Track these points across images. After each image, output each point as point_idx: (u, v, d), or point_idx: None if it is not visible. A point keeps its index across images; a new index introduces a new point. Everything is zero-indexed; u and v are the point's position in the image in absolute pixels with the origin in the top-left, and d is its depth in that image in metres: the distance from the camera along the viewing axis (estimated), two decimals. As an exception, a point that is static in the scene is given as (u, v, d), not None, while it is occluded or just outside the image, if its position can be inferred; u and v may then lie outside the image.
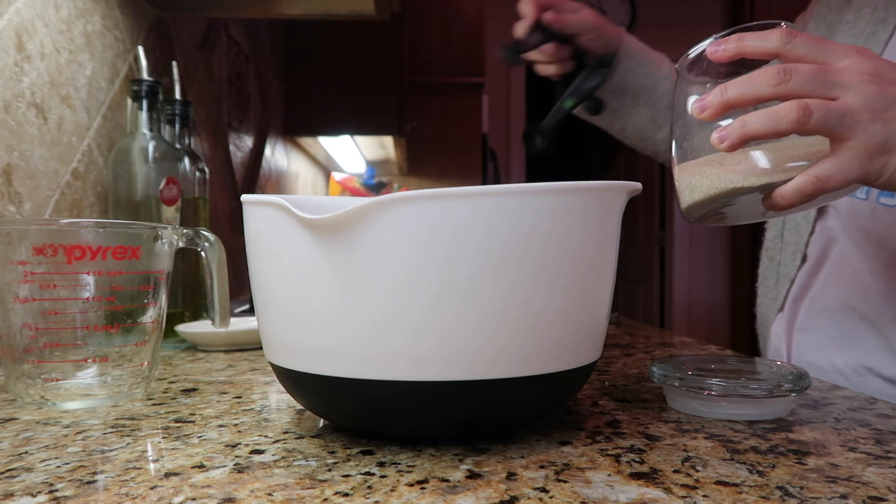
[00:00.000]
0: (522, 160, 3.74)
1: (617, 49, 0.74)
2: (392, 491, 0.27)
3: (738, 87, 0.39)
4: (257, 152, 1.55)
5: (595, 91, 0.73)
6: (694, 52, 0.45)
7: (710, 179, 0.42)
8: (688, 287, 3.63)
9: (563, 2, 0.71)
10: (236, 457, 0.32)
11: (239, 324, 0.75)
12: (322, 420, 0.39)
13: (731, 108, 0.39)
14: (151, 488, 0.28)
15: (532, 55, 0.72)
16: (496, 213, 0.30)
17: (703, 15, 3.61)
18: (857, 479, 0.29)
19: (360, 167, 2.51)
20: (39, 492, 0.28)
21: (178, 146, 0.81)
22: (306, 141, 1.96)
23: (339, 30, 1.81)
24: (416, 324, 0.30)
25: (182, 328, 0.69)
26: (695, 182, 0.44)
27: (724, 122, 0.40)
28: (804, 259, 0.67)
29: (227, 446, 0.34)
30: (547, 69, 0.73)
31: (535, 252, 0.30)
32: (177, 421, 0.39)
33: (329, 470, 0.30)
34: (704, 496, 0.27)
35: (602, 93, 0.75)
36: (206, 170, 0.83)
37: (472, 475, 0.29)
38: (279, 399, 0.45)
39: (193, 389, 0.48)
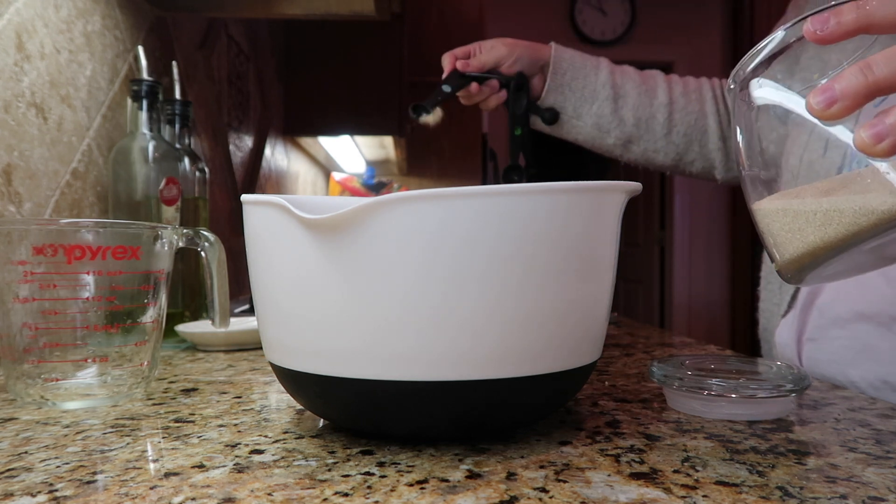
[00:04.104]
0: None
1: (543, 62, 0.83)
2: (392, 491, 0.27)
3: (891, 63, 0.28)
4: (257, 152, 1.55)
5: (527, 113, 0.83)
6: (762, 52, 0.33)
7: (836, 211, 0.29)
8: (688, 287, 3.63)
9: (475, 46, 0.82)
10: (236, 457, 0.32)
11: (239, 324, 0.75)
12: (322, 420, 0.39)
13: (877, 95, 0.28)
14: (151, 488, 0.28)
15: (470, 96, 0.82)
16: (496, 213, 0.30)
17: (703, 16, 3.61)
18: (857, 479, 0.29)
19: (360, 167, 2.51)
20: (39, 492, 0.28)
21: (178, 146, 0.81)
22: (306, 141, 1.97)
23: (339, 30, 1.81)
24: (416, 324, 0.30)
25: (182, 328, 0.69)
26: (802, 224, 0.31)
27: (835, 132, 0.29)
28: None
29: (226, 446, 0.34)
30: (488, 103, 0.83)
31: (534, 252, 0.30)
32: (177, 421, 0.39)
33: (329, 470, 0.30)
34: (704, 496, 0.27)
35: (549, 103, 0.84)
36: (206, 170, 0.83)
37: (472, 475, 0.29)
38: (279, 399, 0.45)
39: (193, 389, 0.48)
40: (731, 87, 0.36)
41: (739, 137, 0.36)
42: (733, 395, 0.38)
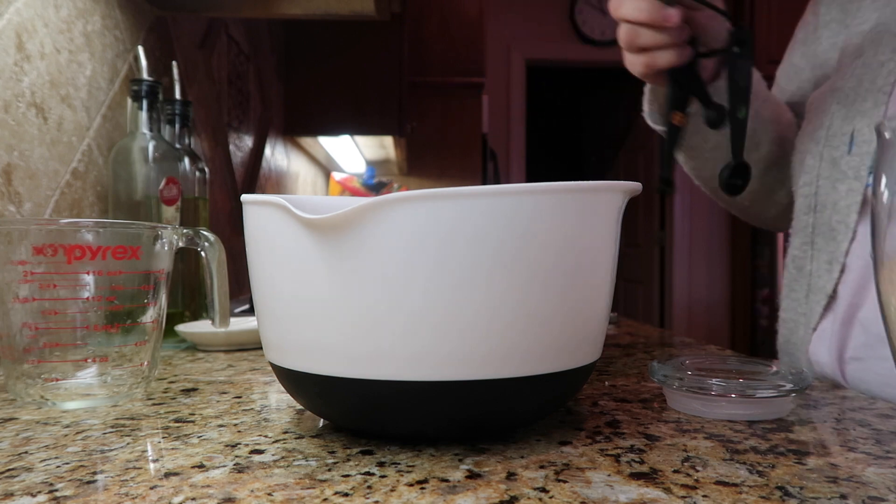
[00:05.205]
0: (522, 160, 3.74)
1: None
2: (392, 491, 0.27)
3: None
4: (257, 152, 1.55)
5: (749, 83, 0.57)
6: None
7: None
8: (688, 287, 3.63)
9: None
10: (236, 457, 0.32)
11: (239, 324, 0.75)
12: (322, 420, 0.39)
13: None
14: (151, 488, 0.28)
15: (646, 39, 0.57)
16: (496, 213, 0.30)
17: (703, 15, 3.61)
18: (857, 479, 0.29)
19: (360, 167, 2.51)
20: (39, 492, 0.28)
21: (178, 146, 0.81)
22: (306, 141, 1.97)
23: (339, 30, 1.81)
24: (416, 324, 0.30)
25: (182, 328, 0.69)
26: None
27: None
28: (843, 270, 0.57)
29: (226, 446, 0.34)
30: (661, 58, 0.57)
31: (534, 252, 0.30)
32: (177, 421, 0.39)
33: (329, 470, 0.30)
34: (704, 496, 0.27)
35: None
36: (206, 170, 0.83)
37: (472, 475, 0.29)
38: (279, 399, 0.45)
39: (193, 389, 0.48)
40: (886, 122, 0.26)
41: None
42: (733, 395, 0.38)
